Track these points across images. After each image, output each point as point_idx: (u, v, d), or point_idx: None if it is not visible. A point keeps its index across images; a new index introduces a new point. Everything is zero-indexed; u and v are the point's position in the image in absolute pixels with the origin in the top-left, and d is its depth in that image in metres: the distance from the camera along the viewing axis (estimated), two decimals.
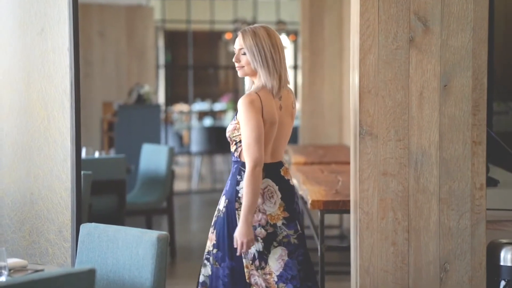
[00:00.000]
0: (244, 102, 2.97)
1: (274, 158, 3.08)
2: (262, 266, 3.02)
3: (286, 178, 3.09)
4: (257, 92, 3.01)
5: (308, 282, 3.06)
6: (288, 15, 10.73)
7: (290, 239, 3.05)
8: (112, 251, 2.84)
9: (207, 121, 11.29)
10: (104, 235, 2.88)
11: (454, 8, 3.17)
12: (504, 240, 3.37)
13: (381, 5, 3.16)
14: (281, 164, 3.10)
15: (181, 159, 11.86)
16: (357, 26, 3.18)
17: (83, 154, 5.36)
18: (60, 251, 3.55)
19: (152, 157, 6.16)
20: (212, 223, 3.11)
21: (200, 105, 12.42)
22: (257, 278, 3.03)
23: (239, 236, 2.95)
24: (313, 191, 4.08)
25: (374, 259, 3.19)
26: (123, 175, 5.37)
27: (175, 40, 13.02)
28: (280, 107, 3.06)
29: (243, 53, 3.06)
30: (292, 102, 3.13)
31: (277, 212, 3.03)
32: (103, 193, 5.16)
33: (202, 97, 12.79)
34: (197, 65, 11.68)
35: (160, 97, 10.64)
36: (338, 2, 7.30)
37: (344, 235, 6.25)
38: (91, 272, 2.25)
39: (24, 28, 3.62)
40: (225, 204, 3.06)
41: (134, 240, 2.78)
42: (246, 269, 3.03)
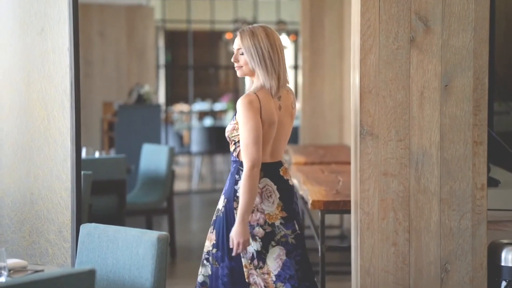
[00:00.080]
0: (243, 102, 2.97)
1: (274, 158, 3.07)
2: (261, 265, 3.02)
3: (285, 178, 3.09)
4: (255, 92, 3.01)
5: (306, 282, 3.06)
6: (288, 15, 10.72)
7: (288, 238, 3.04)
8: (112, 251, 2.83)
9: (207, 121, 11.28)
10: (104, 235, 2.88)
11: (455, 8, 3.16)
12: (505, 241, 3.37)
13: (382, 5, 3.16)
14: (280, 164, 3.09)
15: (181, 159, 11.86)
16: (358, 26, 3.18)
17: (83, 154, 5.35)
18: (60, 252, 3.54)
19: (152, 157, 6.15)
20: (212, 223, 3.11)
21: (200, 105, 12.41)
22: (256, 278, 3.02)
23: (235, 236, 2.94)
24: (314, 191, 4.07)
25: (375, 260, 3.19)
26: (123, 175, 5.37)
27: (175, 40, 13.02)
28: (280, 107, 3.05)
29: (241, 53, 3.05)
30: (291, 102, 3.12)
31: (275, 211, 3.03)
32: (103, 193, 5.15)
33: (202, 97, 12.78)
34: (197, 65, 11.68)
35: (160, 97, 10.64)
36: (339, 2, 7.29)
37: (345, 235, 6.24)
38: (91, 273, 2.24)
39: (24, 28, 3.62)
40: (224, 204, 3.06)
41: (134, 240, 2.78)
42: (245, 269, 3.03)
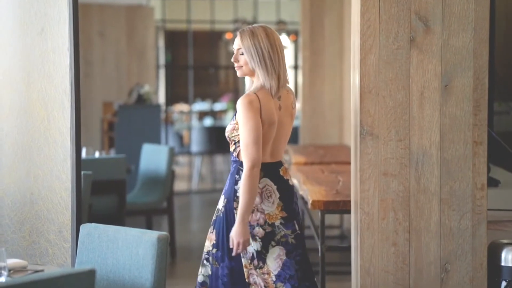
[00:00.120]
0: (243, 102, 2.97)
1: (274, 158, 3.07)
2: (261, 265, 3.02)
3: (285, 178, 3.09)
4: (255, 92, 3.00)
5: (306, 282, 3.06)
6: (288, 15, 10.72)
7: (288, 238, 3.04)
8: (112, 252, 2.83)
9: (207, 121, 11.28)
10: (104, 235, 2.87)
11: (455, 8, 3.16)
12: (505, 241, 3.37)
13: (382, 5, 3.15)
14: (280, 164, 3.09)
15: (181, 159, 11.86)
16: (358, 26, 3.18)
17: (83, 154, 5.35)
18: (60, 252, 3.54)
19: (152, 157, 6.15)
20: (212, 223, 3.11)
21: (200, 105, 12.41)
22: (256, 278, 3.02)
23: (235, 236, 2.94)
24: (314, 191, 4.07)
25: (375, 260, 3.19)
26: (123, 175, 5.37)
27: (175, 40, 13.02)
28: (280, 107, 3.05)
29: (241, 53, 3.05)
30: (292, 102, 3.12)
31: (275, 211, 3.03)
32: (103, 193, 5.15)
33: (202, 97, 12.78)
34: (197, 65, 11.67)
35: (160, 97, 10.64)
36: (339, 2, 7.29)
37: (345, 235, 6.24)
38: (91, 273, 2.24)
39: (24, 28, 3.62)
40: (224, 204, 3.06)
41: (134, 240, 2.78)
42: (245, 269, 3.03)
